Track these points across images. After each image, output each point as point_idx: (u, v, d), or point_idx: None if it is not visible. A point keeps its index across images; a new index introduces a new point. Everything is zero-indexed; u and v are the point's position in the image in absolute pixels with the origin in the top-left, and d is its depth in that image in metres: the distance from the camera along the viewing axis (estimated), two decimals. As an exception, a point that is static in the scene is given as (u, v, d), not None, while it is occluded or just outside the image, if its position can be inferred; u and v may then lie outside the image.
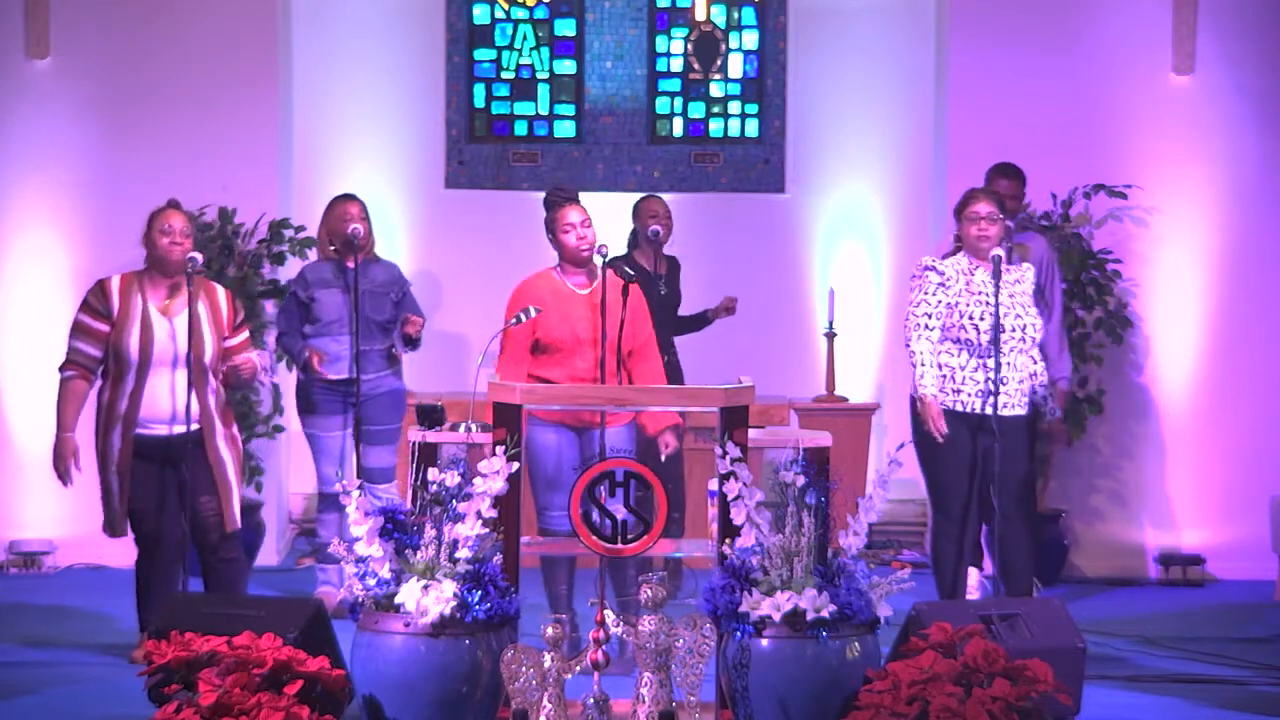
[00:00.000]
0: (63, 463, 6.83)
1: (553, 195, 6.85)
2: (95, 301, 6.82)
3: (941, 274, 7.05)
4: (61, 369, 6.87)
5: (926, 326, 7.05)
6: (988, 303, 6.95)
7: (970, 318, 6.99)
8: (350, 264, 7.76)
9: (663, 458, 6.83)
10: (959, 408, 7.04)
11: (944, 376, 7.06)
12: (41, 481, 8.93)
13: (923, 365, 7.03)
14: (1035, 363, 7.12)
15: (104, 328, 6.79)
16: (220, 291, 6.97)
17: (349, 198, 7.93)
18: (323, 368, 7.78)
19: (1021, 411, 7.06)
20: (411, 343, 7.80)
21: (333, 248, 7.83)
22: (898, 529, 9.58)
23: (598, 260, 6.51)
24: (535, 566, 6.68)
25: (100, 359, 6.82)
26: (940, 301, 7.04)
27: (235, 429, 6.96)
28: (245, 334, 7.02)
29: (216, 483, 6.82)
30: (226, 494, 6.84)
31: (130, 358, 6.74)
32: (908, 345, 7.10)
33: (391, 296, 7.86)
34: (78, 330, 6.84)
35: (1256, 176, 9.03)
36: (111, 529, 6.86)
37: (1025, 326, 7.00)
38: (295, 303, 7.86)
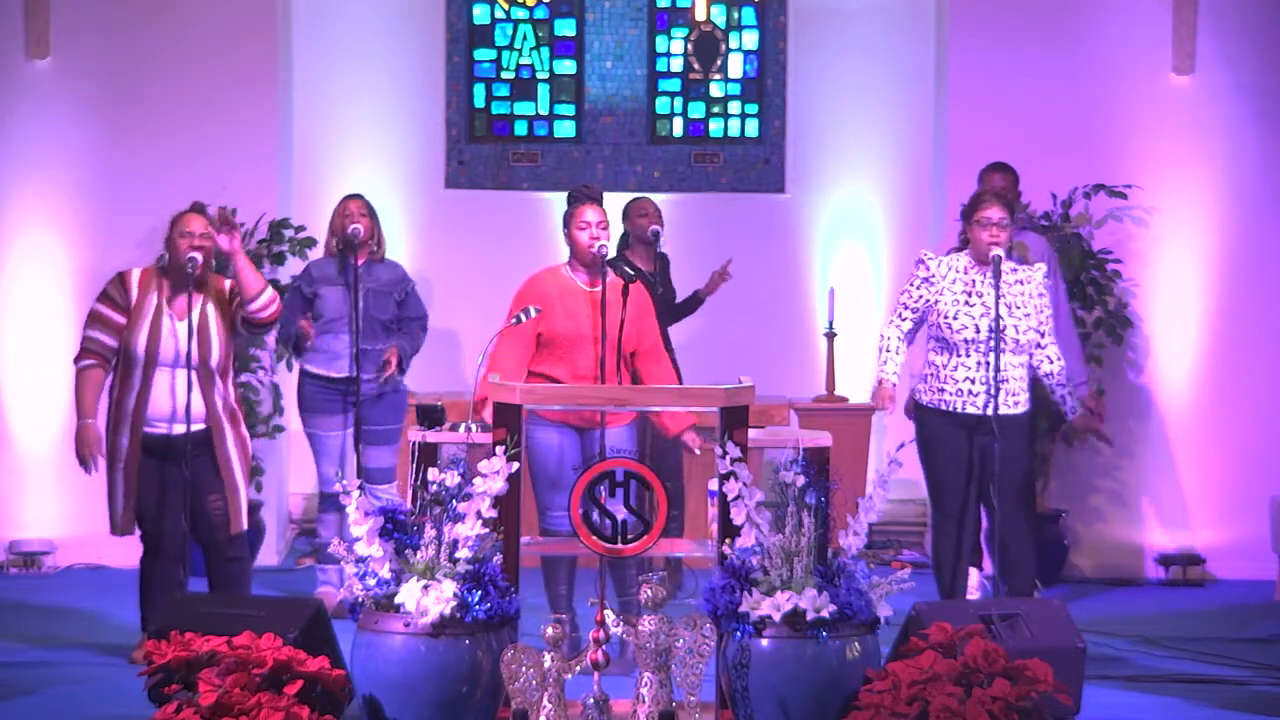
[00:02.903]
0: (86, 449, 6.82)
1: (576, 191, 6.83)
2: (115, 293, 6.85)
3: (929, 269, 7.09)
4: (77, 359, 6.86)
5: (900, 316, 7.13)
6: (968, 303, 6.98)
7: (945, 316, 7.02)
8: (353, 262, 7.77)
9: (697, 451, 6.76)
10: (943, 406, 7.06)
11: (930, 375, 7.10)
12: (41, 481, 8.98)
13: (885, 351, 7.12)
14: (1053, 362, 7.10)
15: (121, 319, 6.81)
16: (227, 285, 6.92)
17: (353, 196, 7.95)
18: (324, 366, 7.80)
19: (1019, 410, 7.06)
20: (402, 370, 7.83)
21: (338, 245, 7.85)
22: (898, 529, 9.58)
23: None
24: (536, 566, 6.68)
25: (116, 349, 6.82)
26: (921, 296, 7.09)
27: (244, 430, 6.95)
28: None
29: (224, 484, 6.83)
30: (234, 495, 6.84)
31: (137, 356, 6.76)
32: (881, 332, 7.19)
33: (395, 296, 7.88)
34: (95, 320, 6.84)
35: (1256, 176, 9.03)
36: (115, 527, 6.86)
37: (1011, 327, 6.98)
38: (299, 297, 7.86)
